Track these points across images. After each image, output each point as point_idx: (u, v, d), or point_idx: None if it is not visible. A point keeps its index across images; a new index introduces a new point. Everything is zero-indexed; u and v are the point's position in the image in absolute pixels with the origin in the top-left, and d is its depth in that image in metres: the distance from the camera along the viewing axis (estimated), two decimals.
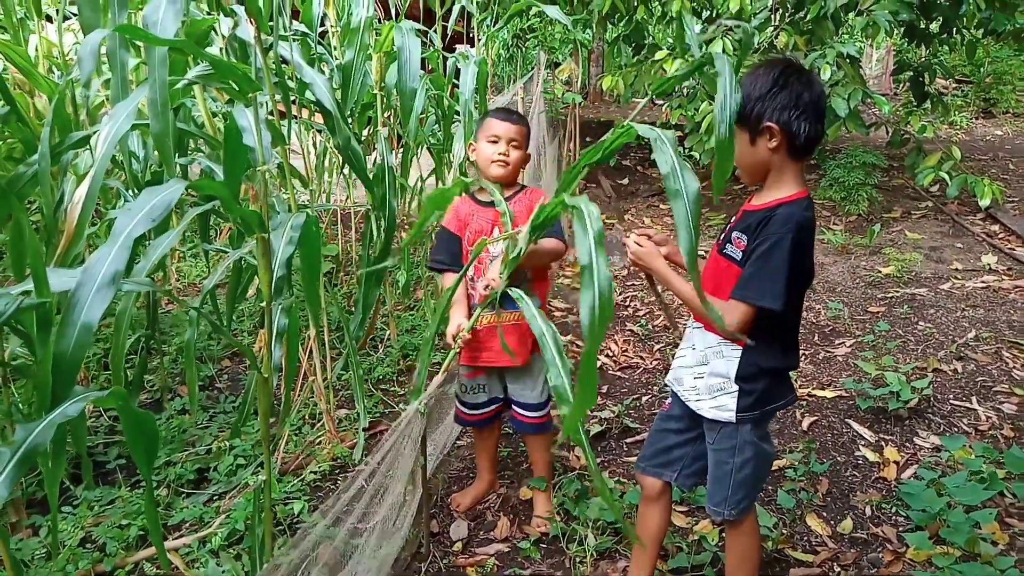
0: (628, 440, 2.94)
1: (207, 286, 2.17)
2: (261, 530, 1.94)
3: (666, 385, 2.04)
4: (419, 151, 4.13)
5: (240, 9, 2.24)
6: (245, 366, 3.50)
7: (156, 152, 2.16)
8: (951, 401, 3.13)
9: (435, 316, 2.09)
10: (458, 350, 2.14)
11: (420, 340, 3.78)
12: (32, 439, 1.22)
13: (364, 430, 2.91)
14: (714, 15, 6.34)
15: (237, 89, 2.02)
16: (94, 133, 2.46)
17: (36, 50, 3.18)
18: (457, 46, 5.09)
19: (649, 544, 2.01)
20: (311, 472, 2.67)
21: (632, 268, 1.95)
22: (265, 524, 1.93)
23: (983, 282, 4.45)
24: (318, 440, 2.87)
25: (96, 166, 1.97)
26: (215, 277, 2.19)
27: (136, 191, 2.65)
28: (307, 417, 3.02)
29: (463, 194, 2.37)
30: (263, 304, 1.85)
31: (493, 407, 2.46)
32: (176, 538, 2.34)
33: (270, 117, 2.40)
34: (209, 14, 2.59)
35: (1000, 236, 5.29)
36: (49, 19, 3.38)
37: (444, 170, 4.22)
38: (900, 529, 2.34)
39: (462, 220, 2.34)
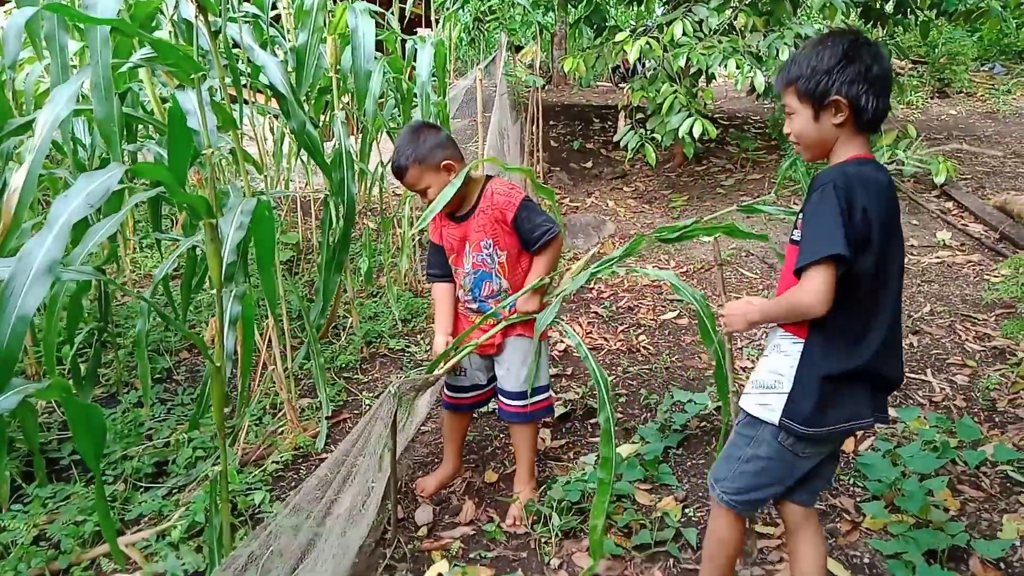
0: (592, 421, 2.95)
1: (158, 275, 2.13)
2: (219, 521, 1.91)
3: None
4: (379, 135, 4.08)
5: None
6: (204, 358, 3.43)
7: (101, 138, 2.08)
8: (907, 374, 3.19)
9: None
10: (443, 370, 2.21)
11: (383, 327, 3.75)
12: None
13: (327, 419, 2.88)
14: None
15: (181, 71, 1.97)
16: (33, 120, 2.38)
17: None
18: (418, 30, 5.03)
19: (726, 564, 1.81)
20: (272, 462, 2.63)
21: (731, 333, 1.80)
22: (223, 515, 1.90)
23: (937, 257, 4.54)
24: (280, 430, 2.83)
25: (35, 153, 1.91)
26: (166, 266, 2.14)
27: None
28: (268, 407, 2.97)
29: None
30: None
31: (475, 394, 2.45)
32: (135, 532, 2.30)
33: (220, 101, 2.34)
34: None
35: (953, 213, 5.40)
36: None
37: None
38: (858, 499, 2.38)
39: (440, 236, 2.36)
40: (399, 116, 4.25)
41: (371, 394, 3.18)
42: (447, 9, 4.25)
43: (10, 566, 2.06)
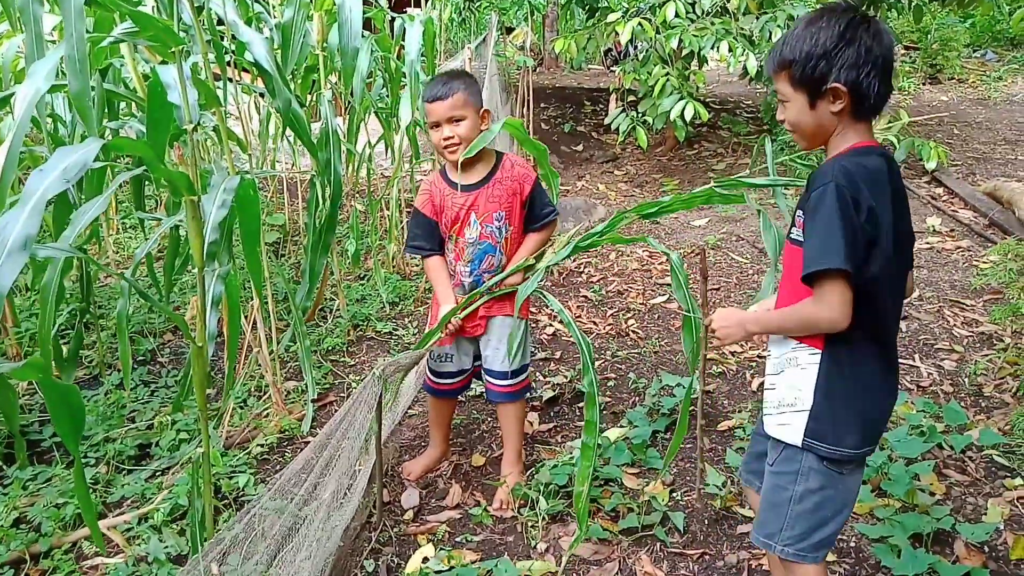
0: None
1: (139, 255, 2.08)
2: (201, 504, 1.88)
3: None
4: (366, 116, 4.02)
5: None
6: (188, 340, 3.39)
7: (77, 113, 2.03)
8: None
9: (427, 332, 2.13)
10: (443, 334, 2.18)
11: (370, 310, 3.71)
12: None
13: (313, 401, 2.85)
14: None
15: (161, 45, 1.91)
16: (11, 94, 2.32)
17: None
18: (407, 9, 4.95)
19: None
20: (257, 445, 2.61)
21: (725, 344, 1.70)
22: (205, 498, 1.88)
23: (927, 243, 4.54)
24: (265, 412, 2.80)
25: (15, 129, 1.86)
26: (147, 245, 2.10)
27: None
28: (253, 390, 2.94)
29: (438, 173, 2.31)
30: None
31: (460, 378, 2.41)
32: (117, 515, 2.27)
33: (203, 79, 2.29)
34: None
35: (944, 199, 5.40)
36: None
37: (392, 135, 4.12)
38: None
39: (436, 206, 2.26)
40: (387, 96, 4.20)
41: (358, 377, 3.16)
42: None
43: None
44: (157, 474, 2.46)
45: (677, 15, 5.25)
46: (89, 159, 1.37)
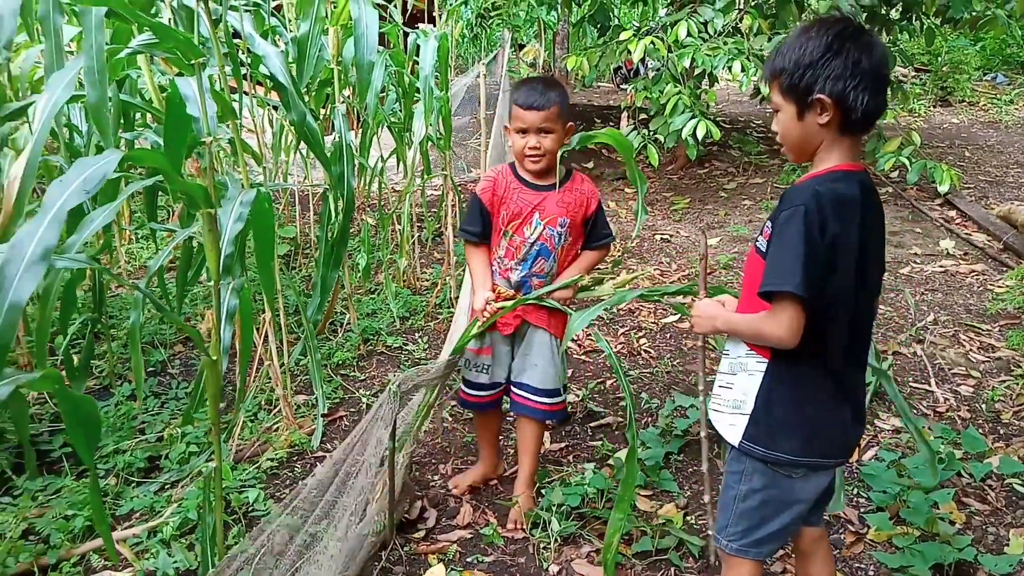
0: (592, 424, 2.91)
1: (153, 266, 2.08)
2: (212, 519, 1.86)
3: None
4: (379, 130, 4.03)
5: None
6: (199, 352, 3.38)
7: (94, 123, 2.03)
8: (911, 384, 3.16)
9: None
10: (482, 323, 2.17)
11: (381, 325, 3.70)
12: None
13: (323, 416, 2.83)
14: None
15: (181, 57, 1.92)
16: (30, 104, 2.33)
17: None
18: (419, 25, 4.97)
19: None
20: (267, 459, 2.58)
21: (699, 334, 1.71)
22: (216, 513, 1.85)
23: (941, 266, 4.51)
24: (275, 427, 2.78)
25: (34, 139, 1.86)
26: (162, 256, 2.09)
27: None
28: (263, 403, 2.92)
29: (507, 166, 2.30)
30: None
31: (494, 392, 2.35)
32: (125, 528, 2.25)
33: (219, 90, 2.29)
34: None
35: (957, 221, 5.37)
36: None
37: (404, 149, 4.13)
38: (861, 510, 2.35)
39: (499, 196, 2.23)
40: (400, 111, 4.20)
41: (368, 392, 3.13)
42: (450, 4, 4.19)
43: None
44: (166, 487, 2.44)
45: (689, 34, 5.27)
46: (109, 170, 1.37)
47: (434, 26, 4.28)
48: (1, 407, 2.14)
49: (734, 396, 1.55)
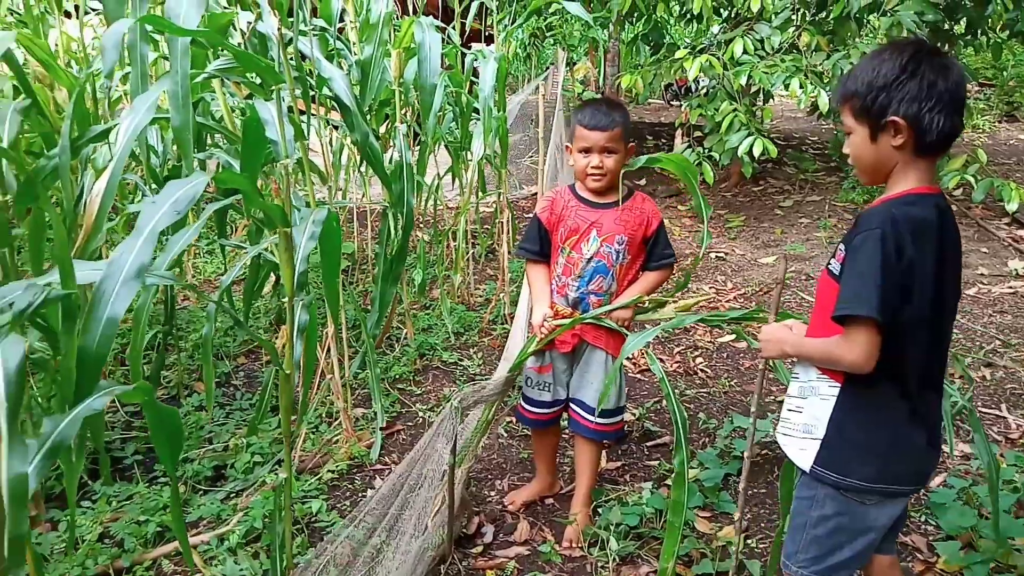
0: (648, 444, 2.89)
1: (225, 281, 2.15)
2: (281, 528, 1.91)
3: None
4: (436, 148, 4.10)
5: (263, 1, 2.22)
6: (261, 363, 3.48)
7: (175, 146, 2.13)
8: (980, 408, 3.06)
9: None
10: (540, 341, 2.21)
11: (436, 340, 3.75)
12: (59, 432, 1.20)
13: (381, 429, 2.88)
14: (735, 14, 6.28)
15: (259, 82, 2.00)
16: (113, 127, 2.45)
17: (56, 44, 3.17)
18: (472, 44, 5.06)
19: None
20: (328, 471, 2.64)
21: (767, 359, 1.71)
22: (285, 523, 1.90)
23: (1009, 287, 4.37)
24: (335, 439, 2.84)
25: (116, 159, 1.95)
26: (233, 272, 2.16)
27: (154, 185, 2.63)
28: (324, 416, 2.99)
29: (567, 187, 2.35)
30: (280, 300, 1.82)
31: (555, 409, 2.37)
32: (194, 535, 2.32)
33: (291, 112, 2.38)
34: (228, 8, 2.57)
35: None
36: (68, 14, 3.37)
37: (461, 168, 4.19)
38: (931, 539, 2.28)
39: (556, 215, 2.28)
40: (456, 130, 4.28)
41: (424, 406, 3.18)
42: (506, 26, 4.26)
43: (78, 561, 2.10)
44: (232, 496, 2.51)
45: (745, 51, 5.23)
46: (198, 191, 1.43)
47: (488, 45, 4.36)
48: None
49: (804, 420, 1.54)
